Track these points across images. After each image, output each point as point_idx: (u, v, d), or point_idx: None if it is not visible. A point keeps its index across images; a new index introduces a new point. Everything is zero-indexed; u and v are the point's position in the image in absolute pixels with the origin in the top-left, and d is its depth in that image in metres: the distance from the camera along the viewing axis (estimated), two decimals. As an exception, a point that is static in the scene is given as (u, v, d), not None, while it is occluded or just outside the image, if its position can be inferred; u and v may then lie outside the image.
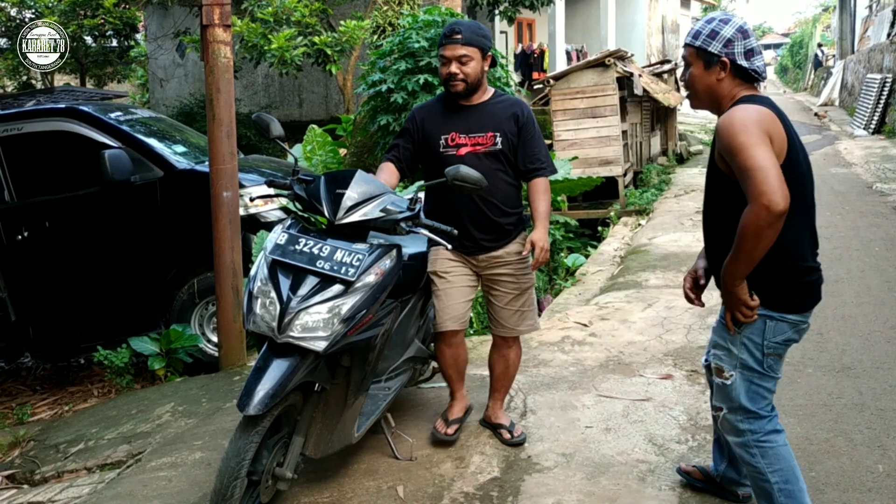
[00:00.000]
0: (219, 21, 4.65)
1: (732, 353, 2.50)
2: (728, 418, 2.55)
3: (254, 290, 2.73)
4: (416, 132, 3.40)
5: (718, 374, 2.54)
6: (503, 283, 3.44)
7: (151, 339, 5.26)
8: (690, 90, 2.53)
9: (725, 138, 2.27)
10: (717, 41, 2.39)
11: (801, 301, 2.46)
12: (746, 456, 2.53)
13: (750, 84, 2.45)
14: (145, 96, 20.53)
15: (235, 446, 2.57)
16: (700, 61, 2.44)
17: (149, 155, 5.55)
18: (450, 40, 3.25)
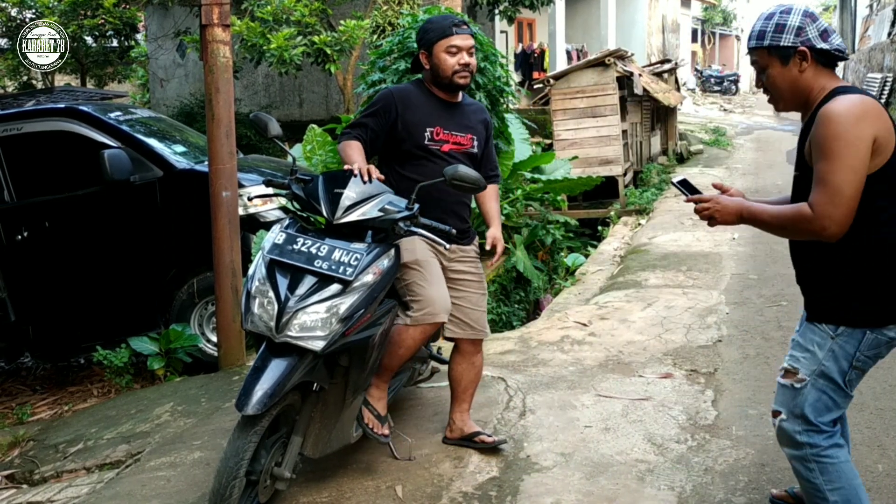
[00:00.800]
0: (218, 21, 4.65)
1: (815, 358, 2.30)
2: (785, 426, 2.36)
3: (251, 290, 2.73)
4: (392, 117, 3.22)
5: (790, 375, 2.35)
6: (470, 282, 3.34)
7: (151, 338, 5.26)
8: (772, 93, 2.35)
9: (821, 136, 2.13)
10: (787, 33, 2.23)
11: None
12: (803, 471, 2.35)
13: (831, 69, 2.28)
14: (146, 96, 20.53)
15: (234, 446, 2.57)
16: (775, 59, 2.27)
17: (148, 155, 5.55)
18: (462, 30, 3.17)
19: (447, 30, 3.18)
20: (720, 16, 39.49)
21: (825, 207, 2.10)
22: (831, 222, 2.10)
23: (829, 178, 2.09)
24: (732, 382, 4.18)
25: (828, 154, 2.10)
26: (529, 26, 20.96)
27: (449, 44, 3.17)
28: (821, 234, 2.13)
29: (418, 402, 4.03)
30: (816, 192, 2.12)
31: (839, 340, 2.27)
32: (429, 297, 3.11)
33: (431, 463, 3.36)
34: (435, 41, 3.20)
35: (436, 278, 3.17)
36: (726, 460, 3.32)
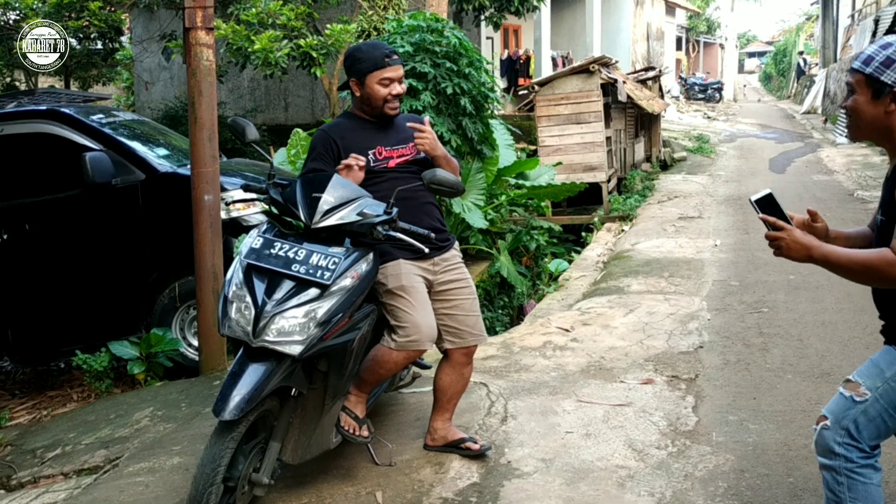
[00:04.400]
0: (201, 24, 4.63)
1: (882, 375, 2.24)
2: (826, 434, 2.28)
3: (229, 295, 2.72)
4: (335, 152, 3.23)
5: (851, 387, 2.29)
6: (459, 289, 3.33)
7: (131, 343, 5.22)
8: (853, 120, 2.27)
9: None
10: (891, 70, 2.14)
11: None
12: (832, 482, 2.28)
13: None
14: (130, 99, 20.40)
15: (211, 452, 2.55)
16: (868, 90, 2.19)
17: (130, 158, 5.52)
18: (393, 61, 3.21)
19: (379, 61, 3.19)
20: (704, 24, 39.79)
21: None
22: None
23: None
24: (713, 388, 4.19)
25: None
26: (515, 33, 21.02)
27: (381, 76, 3.19)
28: None
29: (399, 407, 4.02)
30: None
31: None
32: (415, 324, 3.10)
33: (412, 468, 3.35)
34: (367, 72, 3.20)
35: (422, 304, 3.15)
36: (706, 466, 3.33)
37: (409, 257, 3.18)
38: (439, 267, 3.30)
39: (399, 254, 3.17)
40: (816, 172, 12.85)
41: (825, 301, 5.65)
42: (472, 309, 3.38)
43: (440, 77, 6.65)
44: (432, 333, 3.17)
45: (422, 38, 6.68)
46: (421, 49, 6.68)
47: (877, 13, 19.50)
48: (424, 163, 3.30)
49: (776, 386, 4.18)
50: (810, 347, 4.73)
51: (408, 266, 3.18)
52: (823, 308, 5.50)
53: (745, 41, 58.04)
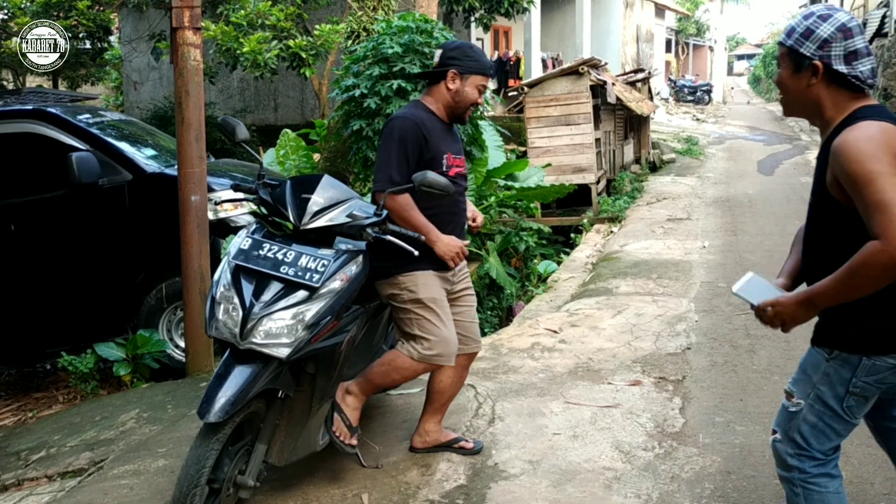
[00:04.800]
0: (188, 24, 4.61)
1: (810, 380, 2.19)
2: (778, 447, 2.27)
3: (216, 296, 2.71)
4: (420, 146, 3.10)
5: (788, 397, 2.26)
6: (468, 296, 3.40)
7: (117, 344, 5.19)
8: (781, 94, 2.22)
9: (848, 165, 1.95)
10: (810, 41, 2.07)
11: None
12: (790, 494, 2.28)
13: (857, 92, 2.10)
14: (119, 99, 20.30)
15: (195, 454, 2.54)
16: (790, 63, 2.14)
17: (117, 158, 5.48)
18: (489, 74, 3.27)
19: (486, 69, 3.24)
20: (694, 26, 39.95)
21: (890, 235, 1.86)
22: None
23: (879, 197, 1.89)
24: (700, 390, 4.20)
25: (865, 178, 1.92)
26: (506, 34, 21.05)
27: (481, 82, 3.21)
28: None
29: (387, 409, 4.01)
30: (873, 219, 1.91)
31: (834, 364, 2.15)
32: (444, 339, 3.12)
33: (399, 471, 3.34)
34: (473, 71, 3.17)
35: (449, 319, 3.18)
36: (693, 468, 3.33)
37: (436, 268, 3.16)
38: (456, 277, 3.32)
39: (428, 263, 3.11)
40: (804, 174, 12.90)
41: (812, 303, 5.67)
42: (475, 316, 3.42)
43: (429, 78, 6.64)
44: (455, 349, 3.19)
45: (411, 38, 6.67)
46: (410, 50, 6.67)
47: (864, 16, 19.63)
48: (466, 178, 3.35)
49: (763, 387, 4.19)
50: (797, 349, 4.74)
51: (436, 278, 3.17)
52: (810, 310, 5.52)
53: (734, 44, 58.30)
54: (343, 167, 8.26)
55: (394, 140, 3.06)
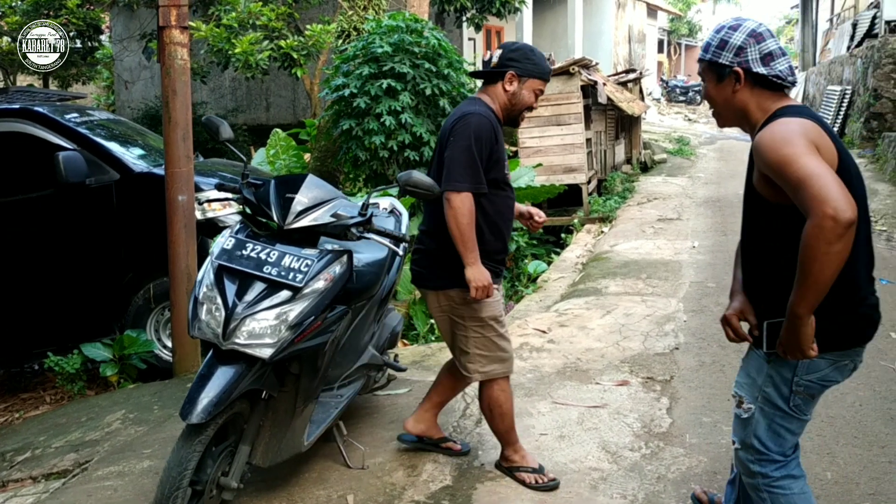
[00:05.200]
0: (175, 22, 4.59)
1: (756, 384, 2.23)
2: (741, 455, 2.31)
3: (199, 296, 2.69)
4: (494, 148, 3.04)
5: (738, 404, 2.29)
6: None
7: (104, 344, 5.17)
8: (712, 108, 2.29)
9: (767, 154, 2.00)
10: (727, 51, 2.17)
11: (841, 339, 2.14)
12: (756, 499, 2.32)
13: (779, 92, 2.18)
14: (111, 98, 20.22)
15: (177, 455, 2.52)
16: (713, 75, 2.22)
17: (105, 157, 5.46)
18: (547, 79, 3.17)
19: (545, 74, 3.15)
20: (686, 27, 40.05)
21: (817, 200, 1.87)
22: (836, 201, 1.85)
23: (800, 173, 1.91)
24: (688, 390, 4.20)
25: (783, 160, 1.95)
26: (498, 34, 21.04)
27: (539, 87, 3.14)
28: (839, 220, 1.83)
29: (374, 409, 4.00)
30: (802, 197, 1.91)
31: (774, 365, 2.19)
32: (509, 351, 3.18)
33: (384, 472, 3.33)
34: (532, 75, 3.10)
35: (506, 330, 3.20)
36: (679, 468, 3.33)
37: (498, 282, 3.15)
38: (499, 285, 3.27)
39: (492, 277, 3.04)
40: (795, 175, 12.93)
41: (800, 303, 5.68)
42: None
43: (419, 78, 6.64)
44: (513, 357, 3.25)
45: (401, 38, 6.66)
46: (400, 49, 6.67)
47: (855, 17, 19.71)
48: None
49: (750, 388, 4.19)
50: (785, 349, 4.75)
51: (496, 293, 3.12)
52: (798, 310, 5.53)
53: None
54: (333, 167, 8.25)
55: (470, 138, 2.97)
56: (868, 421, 3.72)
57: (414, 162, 6.73)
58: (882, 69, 14.61)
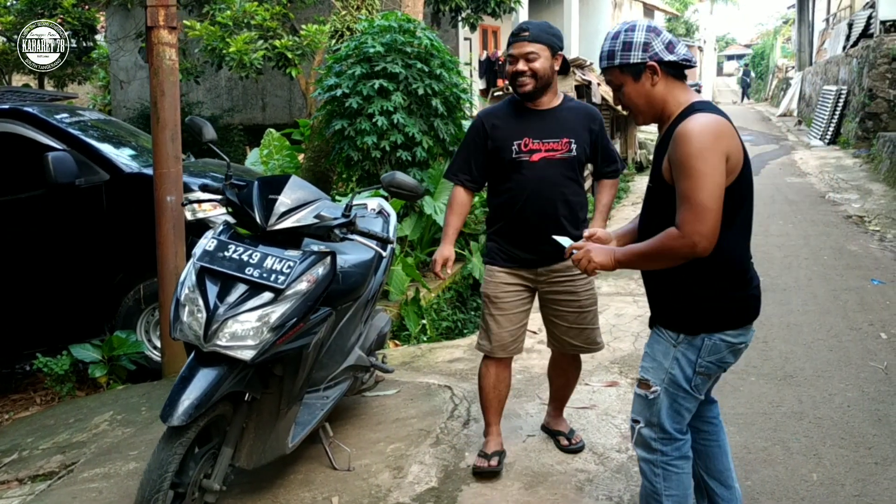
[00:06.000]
0: (164, 23, 4.58)
1: (662, 367, 2.39)
2: (643, 433, 2.45)
3: (181, 298, 2.68)
4: (485, 141, 3.22)
5: (644, 386, 2.44)
6: (563, 301, 3.32)
7: (93, 345, 5.14)
8: (631, 108, 2.41)
9: (681, 155, 2.15)
10: (635, 50, 2.30)
11: (739, 316, 2.37)
12: (649, 474, 2.46)
13: (682, 81, 2.36)
14: (107, 98, 20.19)
15: (158, 458, 2.51)
16: (628, 77, 2.33)
17: (95, 158, 5.44)
18: (517, 38, 3.13)
19: (509, 39, 3.17)
20: (683, 27, 40.04)
21: (693, 225, 2.13)
22: (701, 237, 2.13)
23: (693, 195, 2.12)
24: (677, 391, 4.19)
25: (689, 172, 2.13)
26: (494, 34, 21.03)
27: (509, 53, 3.17)
28: (692, 251, 2.15)
29: (361, 410, 3.99)
30: (682, 211, 2.15)
31: (681, 348, 2.37)
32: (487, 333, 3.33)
33: (370, 473, 3.32)
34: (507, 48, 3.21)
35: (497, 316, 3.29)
36: (665, 469, 3.32)
37: (503, 265, 3.28)
38: (544, 277, 3.29)
39: (497, 258, 3.29)
40: (790, 175, 12.94)
41: (791, 303, 5.68)
42: (577, 321, 3.35)
43: (412, 78, 6.61)
44: (501, 343, 3.31)
45: (393, 38, 6.64)
46: (392, 49, 6.64)
47: (850, 17, 19.71)
48: (573, 162, 3.22)
49: (739, 388, 4.19)
50: (774, 350, 4.75)
51: (500, 274, 3.28)
52: (789, 310, 5.53)
53: (723, 44, 58.45)
54: (326, 167, 8.23)
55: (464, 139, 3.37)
56: (856, 422, 3.71)
57: (406, 162, 6.71)
58: (877, 69, 14.61)
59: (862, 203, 9.95)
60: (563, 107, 3.26)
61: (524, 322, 3.36)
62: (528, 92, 3.15)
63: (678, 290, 2.35)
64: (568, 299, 3.31)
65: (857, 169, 12.88)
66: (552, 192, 3.18)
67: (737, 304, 2.36)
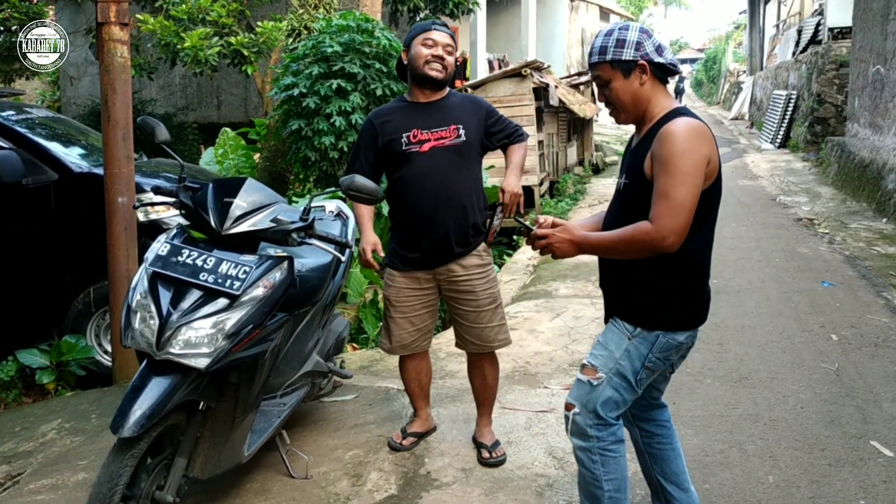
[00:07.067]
0: (115, 19, 4.46)
1: (613, 357, 2.43)
2: (578, 420, 2.47)
3: (132, 304, 2.60)
4: (375, 139, 3.31)
5: (588, 371, 2.46)
6: (462, 300, 3.37)
7: (41, 351, 4.99)
8: (615, 105, 2.43)
9: (666, 152, 2.21)
10: (628, 48, 2.34)
11: (697, 317, 2.45)
12: (587, 461, 2.49)
13: (665, 86, 2.42)
14: (56, 94, 19.69)
15: (108, 470, 2.42)
16: (619, 73, 2.36)
17: (43, 157, 5.27)
18: (441, 28, 3.26)
19: (427, 27, 3.27)
20: (638, 30, 40.53)
21: (666, 220, 2.18)
22: (671, 232, 2.18)
23: (672, 191, 2.18)
24: (635, 394, 4.21)
25: (671, 170, 2.19)
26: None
27: (426, 37, 3.24)
28: (661, 245, 2.20)
29: (319, 417, 3.93)
30: (658, 205, 2.20)
31: (635, 341, 2.41)
32: (388, 332, 3.46)
33: (328, 481, 3.27)
34: (414, 37, 3.27)
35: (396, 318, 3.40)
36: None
37: (399, 267, 3.37)
38: (443, 276, 3.35)
39: (395, 262, 3.38)
40: (742, 177, 13.17)
41: (745, 305, 5.77)
42: (477, 321, 3.39)
43: (370, 78, 6.56)
44: (401, 343, 3.43)
45: (351, 38, 6.58)
46: (350, 49, 6.58)
47: (800, 24, 20.16)
48: (463, 148, 3.27)
49: (696, 391, 4.23)
50: (729, 352, 4.81)
51: (398, 278, 3.38)
52: (744, 312, 5.61)
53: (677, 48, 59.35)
54: (283, 167, 8.13)
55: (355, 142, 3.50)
56: (809, 423, 3.77)
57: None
58: (825, 75, 14.96)
59: (811, 206, 10.17)
60: (449, 98, 3.38)
61: (427, 322, 3.46)
62: (437, 80, 3.27)
63: (644, 284, 2.39)
64: (467, 298, 3.37)
65: (806, 172, 13.17)
66: (445, 179, 3.25)
67: (698, 305, 2.43)
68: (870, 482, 3.20)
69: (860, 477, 3.24)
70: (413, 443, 3.57)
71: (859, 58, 11.64)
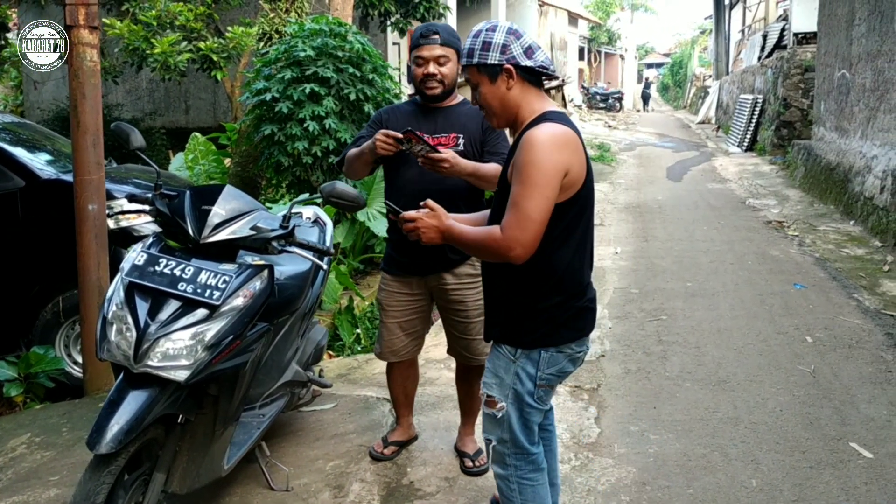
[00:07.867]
0: (84, 22, 4.35)
1: (505, 383, 2.36)
2: (498, 449, 2.43)
3: (108, 316, 2.52)
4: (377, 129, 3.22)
5: (490, 404, 2.39)
6: (452, 310, 3.33)
7: (8, 362, 4.85)
8: (486, 110, 2.38)
9: (522, 160, 2.16)
10: (493, 51, 2.27)
11: (576, 329, 2.36)
12: (506, 489, 2.46)
13: (539, 88, 2.35)
14: (19, 99, 19.30)
15: (84, 488, 2.34)
16: (484, 77, 2.31)
17: (8, 163, 5.14)
18: (427, 40, 3.12)
19: (416, 41, 3.16)
20: (605, 35, 40.94)
21: (514, 231, 2.14)
22: (517, 244, 2.14)
23: (522, 202, 2.13)
24: (615, 398, 4.22)
25: (524, 179, 2.14)
26: (422, 39, 21.04)
27: (416, 54, 3.16)
28: (507, 255, 2.16)
29: (298, 427, 3.86)
30: (508, 214, 2.17)
31: (520, 363, 2.34)
32: (379, 338, 3.46)
33: (310, 493, 3.21)
34: (411, 49, 3.21)
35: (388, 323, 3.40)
36: (608, 480, 3.32)
37: (396, 273, 3.35)
38: (435, 284, 3.32)
39: (390, 266, 3.38)
40: (711, 181, 13.31)
41: (720, 308, 5.81)
42: (465, 332, 3.35)
43: (343, 82, 6.50)
44: (392, 349, 3.42)
45: (324, 42, 6.52)
46: (323, 53, 6.52)
47: (765, 29, 20.46)
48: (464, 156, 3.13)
49: (675, 395, 4.24)
50: (707, 355, 4.83)
51: (391, 283, 3.37)
52: (719, 315, 5.64)
53: (643, 52, 60.02)
54: (255, 172, 8.03)
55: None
56: (789, 426, 3.79)
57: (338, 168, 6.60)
58: (791, 79, 15.18)
59: (780, 209, 10.30)
60: (458, 106, 3.32)
61: (418, 328, 3.44)
62: (437, 95, 3.20)
63: (512, 305, 2.34)
64: (457, 309, 3.34)
65: (773, 175, 13.35)
66: (438, 184, 3.18)
67: (573, 316, 2.34)
68: (851, 484, 3.23)
69: (842, 479, 3.26)
70: (394, 451, 3.54)
71: (825, 62, 11.83)
